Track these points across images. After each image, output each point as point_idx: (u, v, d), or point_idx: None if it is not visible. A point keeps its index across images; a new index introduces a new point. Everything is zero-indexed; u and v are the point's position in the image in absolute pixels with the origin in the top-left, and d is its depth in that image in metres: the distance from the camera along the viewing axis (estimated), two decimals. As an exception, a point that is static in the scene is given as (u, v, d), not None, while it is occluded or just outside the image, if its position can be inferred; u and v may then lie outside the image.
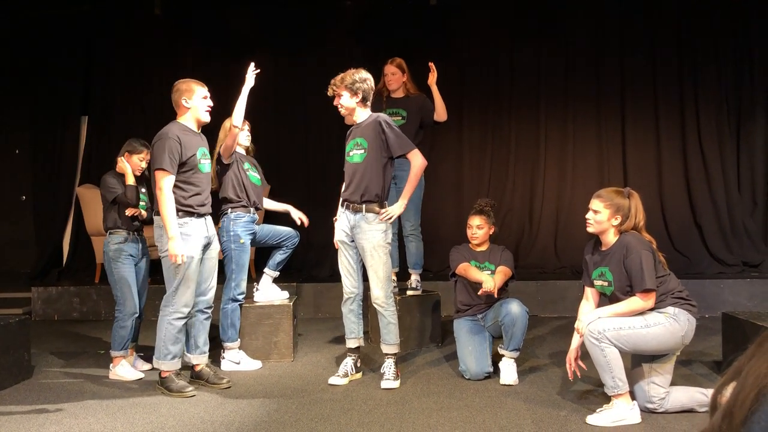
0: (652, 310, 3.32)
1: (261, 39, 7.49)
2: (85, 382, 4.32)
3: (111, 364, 4.41)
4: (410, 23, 7.40)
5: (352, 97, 4.09)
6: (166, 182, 3.90)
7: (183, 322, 4.02)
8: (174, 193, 3.94)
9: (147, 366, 4.55)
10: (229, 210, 4.59)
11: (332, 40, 7.48)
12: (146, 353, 4.80)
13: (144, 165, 4.52)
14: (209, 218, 4.18)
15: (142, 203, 4.52)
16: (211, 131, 4.43)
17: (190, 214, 3.99)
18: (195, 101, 4.07)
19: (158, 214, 3.98)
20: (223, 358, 4.59)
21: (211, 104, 4.15)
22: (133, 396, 3.97)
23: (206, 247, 4.12)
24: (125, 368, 4.37)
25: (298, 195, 7.54)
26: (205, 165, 4.12)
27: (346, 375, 4.18)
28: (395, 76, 5.10)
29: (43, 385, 4.26)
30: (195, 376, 4.23)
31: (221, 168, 4.63)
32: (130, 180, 4.42)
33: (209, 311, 4.25)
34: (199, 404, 3.77)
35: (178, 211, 3.94)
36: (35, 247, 7.74)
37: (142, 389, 4.12)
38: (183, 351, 4.15)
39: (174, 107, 4.14)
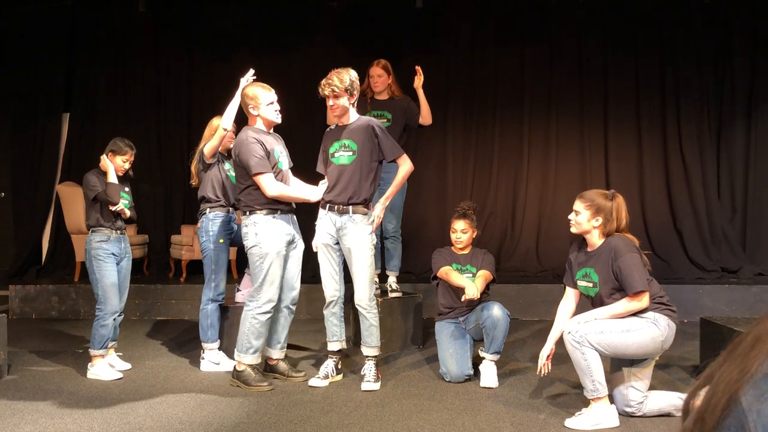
0: (633, 315, 3.34)
1: (245, 38, 7.46)
2: (62, 381, 4.26)
3: (89, 364, 4.37)
4: (396, 25, 7.40)
5: (349, 99, 4.08)
6: (266, 182, 3.97)
7: (267, 317, 4.08)
8: (255, 191, 4.02)
9: (125, 365, 4.52)
10: (208, 210, 4.56)
11: (317, 40, 7.48)
12: (125, 353, 4.76)
13: (127, 166, 4.48)
14: (294, 216, 4.24)
15: (125, 201, 4.47)
16: (198, 127, 4.41)
17: (274, 211, 4.05)
18: (261, 108, 4.10)
19: (239, 209, 4.11)
20: (203, 358, 4.56)
21: (278, 108, 4.19)
22: (110, 396, 3.92)
23: (291, 243, 4.17)
24: (103, 368, 4.32)
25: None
26: (284, 162, 4.18)
27: (326, 377, 4.17)
28: (381, 78, 5.09)
29: (18, 384, 4.20)
30: (270, 370, 4.29)
31: (202, 167, 4.60)
32: (112, 178, 4.37)
33: (294, 307, 4.30)
34: (177, 405, 3.74)
35: (263, 208, 4.03)
36: (14, 245, 7.64)
37: (120, 389, 4.07)
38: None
39: (244, 113, 4.21)
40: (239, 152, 4.02)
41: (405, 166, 4.14)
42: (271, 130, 4.21)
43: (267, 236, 4.02)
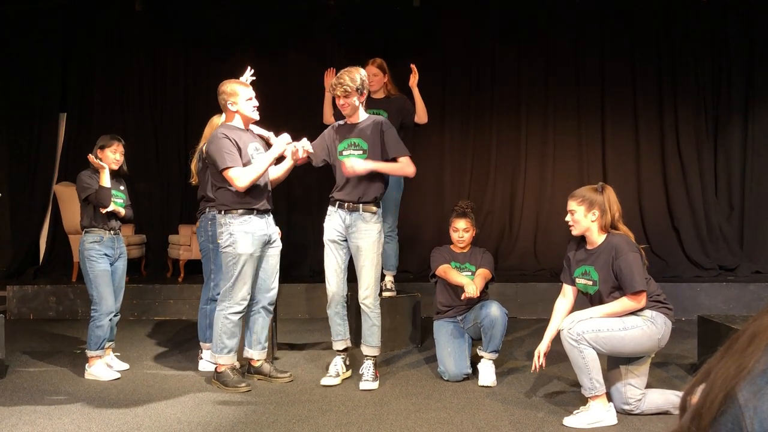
0: (631, 313, 3.35)
1: (241, 36, 7.45)
2: (60, 382, 4.26)
3: (87, 364, 4.36)
4: (393, 24, 7.40)
5: (359, 98, 4.09)
6: (235, 175, 3.92)
7: (239, 316, 4.07)
8: (230, 189, 3.98)
9: (123, 366, 4.51)
10: (207, 209, 4.54)
11: (314, 39, 7.46)
12: (123, 353, 4.76)
13: (118, 157, 4.44)
14: (270, 216, 4.21)
15: (119, 200, 4.45)
16: (196, 126, 4.39)
17: (250, 211, 4.02)
18: (240, 104, 4.09)
19: (215, 207, 4.09)
20: (201, 358, 4.55)
21: (257, 104, 4.16)
22: (108, 396, 3.92)
23: (267, 243, 4.15)
24: (101, 368, 4.32)
25: (278, 194, 7.48)
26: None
27: (337, 375, 4.16)
28: (377, 77, 5.07)
29: (16, 384, 4.19)
30: (255, 372, 4.27)
31: (202, 165, 4.57)
32: (104, 181, 4.31)
33: (272, 308, 4.30)
34: (176, 405, 3.74)
35: (237, 207, 3.99)
36: (11, 245, 7.63)
37: (117, 389, 4.07)
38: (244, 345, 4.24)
39: (222, 110, 4.18)
40: (209, 149, 4.01)
41: (406, 166, 4.14)
42: (247, 128, 4.18)
43: (240, 237, 3.99)
